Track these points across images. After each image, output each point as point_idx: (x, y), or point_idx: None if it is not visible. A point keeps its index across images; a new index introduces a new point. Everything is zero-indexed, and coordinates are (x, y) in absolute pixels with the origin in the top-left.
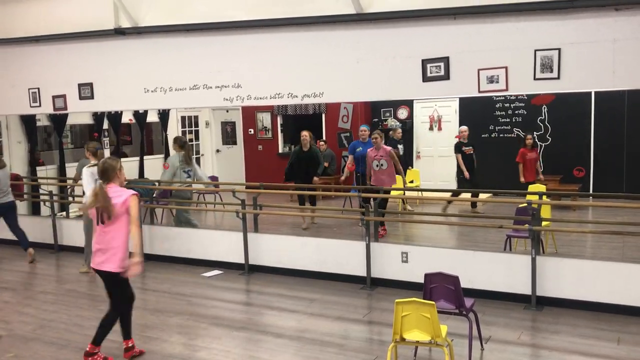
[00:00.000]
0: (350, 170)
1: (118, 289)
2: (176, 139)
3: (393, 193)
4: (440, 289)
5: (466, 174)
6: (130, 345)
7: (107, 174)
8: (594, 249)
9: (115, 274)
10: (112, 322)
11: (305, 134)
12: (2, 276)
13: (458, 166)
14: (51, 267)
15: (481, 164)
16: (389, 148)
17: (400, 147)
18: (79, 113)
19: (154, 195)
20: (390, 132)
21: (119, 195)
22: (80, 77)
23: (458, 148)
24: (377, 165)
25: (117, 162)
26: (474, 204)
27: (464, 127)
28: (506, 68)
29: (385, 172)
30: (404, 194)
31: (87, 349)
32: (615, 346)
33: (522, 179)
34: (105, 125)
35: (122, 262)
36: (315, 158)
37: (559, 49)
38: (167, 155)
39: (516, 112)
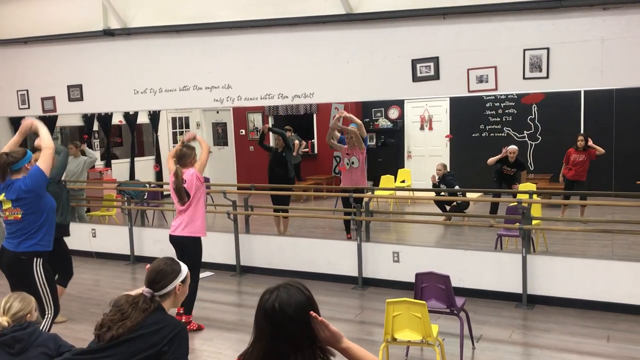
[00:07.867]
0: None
1: (192, 255)
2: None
3: (384, 193)
4: (432, 289)
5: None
6: (189, 321)
7: (183, 160)
8: (584, 247)
9: (194, 240)
10: (194, 290)
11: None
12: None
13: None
14: None
15: (472, 163)
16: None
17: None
18: (69, 115)
19: (144, 197)
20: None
21: (188, 176)
22: (69, 79)
23: (498, 166)
24: (347, 163)
25: (192, 150)
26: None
27: (513, 147)
28: (495, 68)
29: (354, 170)
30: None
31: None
32: (605, 343)
33: (561, 178)
34: (96, 127)
35: (201, 229)
36: (281, 160)
37: (548, 48)
38: (158, 156)
39: (506, 111)
